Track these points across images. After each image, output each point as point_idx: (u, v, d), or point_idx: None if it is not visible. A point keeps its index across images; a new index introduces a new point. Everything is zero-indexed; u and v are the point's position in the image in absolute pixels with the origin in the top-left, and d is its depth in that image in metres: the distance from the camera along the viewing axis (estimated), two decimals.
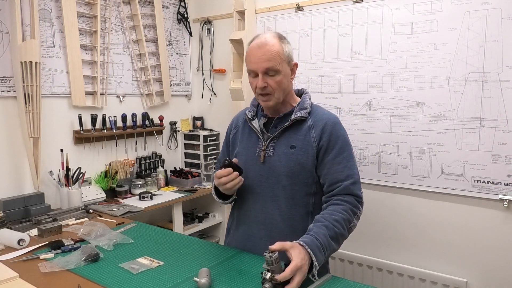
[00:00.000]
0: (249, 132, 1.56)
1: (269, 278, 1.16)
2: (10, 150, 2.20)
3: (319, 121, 1.46)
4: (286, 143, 1.46)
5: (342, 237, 1.34)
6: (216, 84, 3.14)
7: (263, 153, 1.48)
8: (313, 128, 1.45)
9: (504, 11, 1.89)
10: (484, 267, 2.07)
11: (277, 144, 1.47)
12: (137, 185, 2.68)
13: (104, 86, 2.61)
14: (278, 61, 1.39)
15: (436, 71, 2.10)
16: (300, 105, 1.49)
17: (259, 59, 1.39)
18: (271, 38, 1.41)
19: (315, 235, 1.26)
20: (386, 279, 2.33)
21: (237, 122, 1.64)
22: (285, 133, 1.47)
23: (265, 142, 1.49)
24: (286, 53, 1.41)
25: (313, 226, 1.32)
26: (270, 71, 1.39)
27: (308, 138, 1.44)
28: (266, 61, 1.38)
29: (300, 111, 1.47)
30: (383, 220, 2.36)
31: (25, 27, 2.17)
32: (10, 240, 1.65)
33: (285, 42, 1.43)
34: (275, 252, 1.16)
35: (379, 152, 2.32)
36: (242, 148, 1.55)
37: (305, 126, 1.46)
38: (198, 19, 3.16)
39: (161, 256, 1.51)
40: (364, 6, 2.30)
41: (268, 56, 1.38)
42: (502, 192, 1.98)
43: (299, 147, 1.44)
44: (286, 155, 1.45)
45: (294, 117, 1.45)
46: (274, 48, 1.38)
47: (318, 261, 1.21)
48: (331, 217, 1.32)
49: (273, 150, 1.47)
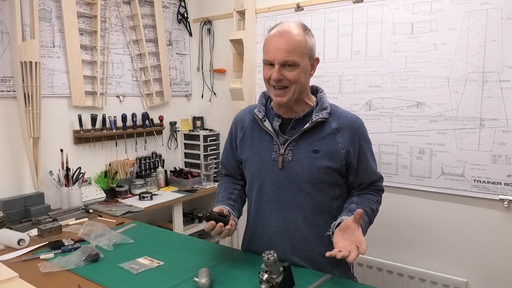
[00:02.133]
0: (260, 134, 1.42)
1: (266, 279, 1.16)
2: (10, 150, 2.20)
3: (345, 124, 1.36)
4: (308, 147, 1.35)
5: (371, 224, 1.41)
6: (216, 84, 3.14)
7: (281, 158, 1.36)
8: (339, 132, 1.35)
9: (504, 11, 1.89)
10: (484, 267, 2.07)
11: (296, 148, 1.36)
12: (137, 185, 2.68)
13: (104, 86, 2.61)
14: (299, 53, 1.27)
15: (436, 71, 2.10)
16: (319, 105, 1.37)
17: (278, 49, 1.26)
18: (295, 27, 1.29)
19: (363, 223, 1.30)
20: (386, 279, 2.33)
21: (242, 123, 1.50)
22: (305, 135, 1.35)
23: (282, 146, 1.37)
24: (309, 46, 1.30)
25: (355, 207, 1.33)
26: (289, 63, 1.27)
27: (334, 142, 1.34)
28: (286, 51, 1.26)
29: (321, 112, 1.35)
30: (383, 220, 2.36)
31: (25, 27, 2.17)
32: (10, 240, 1.65)
33: (310, 34, 1.31)
34: (273, 253, 1.16)
35: (379, 152, 2.32)
36: (254, 153, 1.43)
37: (328, 129, 1.35)
38: (198, 19, 3.16)
39: (161, 256, 1.51)
40: (364, 6, 2.29)
41: (288, 46, 1.26)
42: (502, 192, 1.98)
43: (323, 152, 1.34)
44: (309, 160, 1.34)
45: (315, 118, 1.34)
46: (297, 38, 1.27)
47: None
48: (370, 206, 1.39)
49: (292, 154, 1.36)
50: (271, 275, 1.17)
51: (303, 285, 1.25)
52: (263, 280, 1.17)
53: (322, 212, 1.38)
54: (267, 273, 1.17)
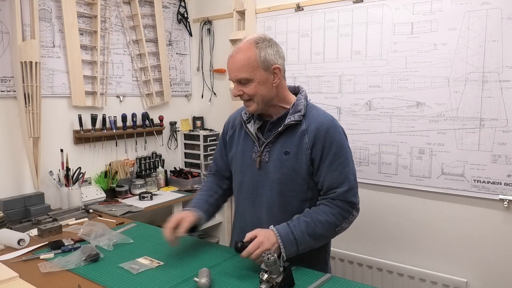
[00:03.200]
0: (245, 135, 1.52)
1: (266, 279, 1.16)
2: (10, 150, 2.20)
3: (312, 125, 1.40)
4: (280, 148, 1.42)
5: (322, 237, 1.38)
6: (216, 84, 3.14)
7: (258, 159, 1.45)
8: (307, 133, 1.40)
9: (504, 11, 1.89)
10: (484, 267, 2.07)
11: (272, 150, 1.43)
12: (137, 185, 2.68)
13: (104, 86, 2.60)
14: (249, 69, 1.35)
15: (436, 71, 2.10)
16: (294, 108, 1.42)
17: (231, 70, 1.39)
18: (246, 44, 1.38)
19: (293, 228, 1.34)
20: (386, 279, 2.33)
21: (233, 122, 1.60)
22: (280, 138, 1.43)
23: (260, 147, 1.45)
24: (260, 59, 1.35)
25: (296, 218, 1.38)
26: (242, 80, 1.37)
27: (301, 143, 1.40)
28: (235, 71, 1.37)
29: (294, 115, 1.41)
30: (383, 220, 2.36)
31: (25, 27, 2.17)
32: (10, 240, 1.65)
33: (262, 47, 1.36)
34: (273, 253, 1.16)
35: (379, 152, 2.32)
36: (238, 152, 1.53)
37: (299, 131, 1.41)
38: (198, 19, 3.16)
39: (161, 256, 1.51)
40: (364, 6, 2.29)
41: (237, 66, 1.37)
42: (502, 192, 1.98)
43: (293, 153, 1.40)
44: (280, 161, 1.41)
45: (287, 121, 1.40)
46: (244, 56, 1.35)
47: (286, 252, 1.30)
48: (317, 216, 1.36)
49: (268, 156, 1.44)
50: (271, 275, 1.17)
51: (303, 285, 1.25)
52: (263, 280, 1.17)
53: (292, 212, 1.41)
54: (267, 273, 1.17)
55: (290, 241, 1.31)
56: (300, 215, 1.39)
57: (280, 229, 1.33)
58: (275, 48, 1.40)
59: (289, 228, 1.33)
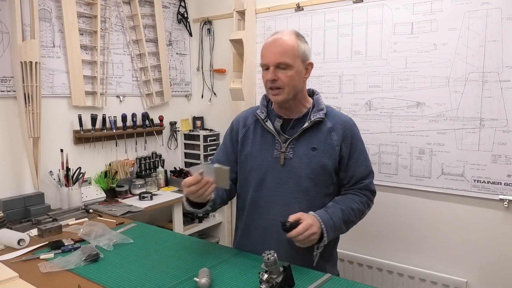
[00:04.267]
0: (262, 133, 1.52)
1: (266, 279, 1.16)
2: (10, 150, 2.20)
3: (339, 124, 1.47)
4: (307, 144, 1.45)
5: (352, 223, 1.49)
6: (216, 84, 3.14)
7: (282, 155, 1.46)
8: (334, 131, 1.46)
9: (504, 11, 1.89)
10: (484, 267, 2.07)
11: (296, 146, 1.45)
12: (137, 185, 2.68)
13: (104, 86, 2.61)
14: (291, 55, 1.38)
15: (436, 71, 2.10)
16: (316, 106, 1.48)
17: (271, 53, 1.39)
18: (287, 34, 1.42)
19: (332, 215, 1.39)
20: (386, 279, 2.33)
21: (245, 121, 1.58)
22: (304, 134, 1.46)
23: (284, 144, 1.46)
24: (301, 50, 1.41)
25: (332, 205, 1.44)
26: (282, 65, 1.38)
27: (330, 140, 1.45)
28: (278, 54, 1.38)
29: (318, 112, 1.46)
30: (383, 220, 2.36)
31: (25, 27, 2.17)
32: (10, 240, 1.65)
33: (302, 41, 1.43)
34: (273, 254, 1.16)
35: (379, 152, 2.32)
36: (256, 150, 1.51)
37: (324, 128, 1.46)
38: (198, 19, 3.16)
39: (161, 256, 1.51)
40: (364, 6, 2.29)
41: (280, 50, 1.38)
42: (502, 192, 1.98)
43: (321, 149, 1.44)
44: (308, 157, 1.44)
45: (313, 118, 1.44)
46: (288, 42, 1.39)
47: (328, 238, 1.36)
48: (349, 204, 1.46)
49: (292, 152, 1.45)
50: (271, 275, 1.17)
51: (303, 285, 1.25)
52: (263, 280, 1.17)
53: (315, 207, 1.44)
54: (267, 273, 1.17)
55: (330, 227, 1.37)
56: (334, 202, 1.46)
57: (321, 215, 1.38)
58: (308, 46, 1.47)
59: (328, 214, 1.39)
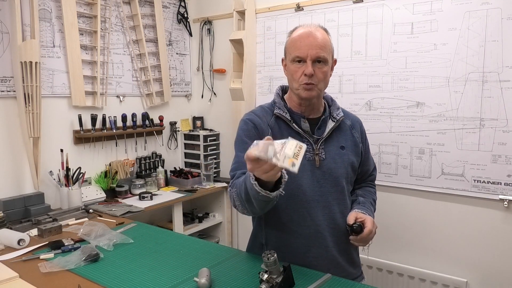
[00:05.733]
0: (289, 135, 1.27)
1: (266, 279, 1.16)
2: (10, 150, 2.20)
3: (355, 122, 1.51)
4: (336, 144, 1.41)
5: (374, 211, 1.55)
6: (216, 84, 3.14)
7: (317, 157, 1.38)
8: (354, 128, 1.48)
9: (504, 11, 1.89)
10: (484, 267, 2.07)
11: (326, 146, 1.40)
12: (137, 185, 2.68)
13: (104, 86, 2.61)
14: (328, 50, 1.33)
15: (436, 71, 2.10)
16: (334, 105, 1.47)
17: (310, 45, 1.29)
18: (319, 28, 1.35)
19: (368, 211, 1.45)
20: (386, 279, 2.33)
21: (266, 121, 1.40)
22: (332, 133, 1.42)
23: (315, 145, 1.38)
24: (332, 46, 1.37)
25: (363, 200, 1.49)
26: (320, 59, 1.31)
27: (353, 138, 1.46)
28: (319, 48, 1.29)
29: (338, 111, 1.45)
30: (383, 220, 2.36)
31: (25, 27, 2.17)
32: (10, 240, 1.65)
33: (330, 36, 1.38)
34: (273, 253, 1.16)
35: (379, 152, 2.32)
36: None
37: (345, 126, 1.46)
38: (198, 19, 3.16)
39: (161, 256, 1.51)
40: (364, 6, 2.29)
41: (320, 43, 1.30)
42: (502, 192, 1.98)
43: (348, 148, 1.44)
44: (340, 156, 1.41)
45: (338, 116, 1.42)
46: (325, 37, 1.33)
47: None
48: (372, 197, 1.56)
49: (324, 153, 1.39)
50: (271, 275, 1.17)
51: (303, 285, 1.25)
52: (263, 280, 1.17)
53: (348, 206, 1.46)
54: (267, 273, 1.17)
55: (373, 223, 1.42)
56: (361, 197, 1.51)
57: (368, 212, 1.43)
58: None
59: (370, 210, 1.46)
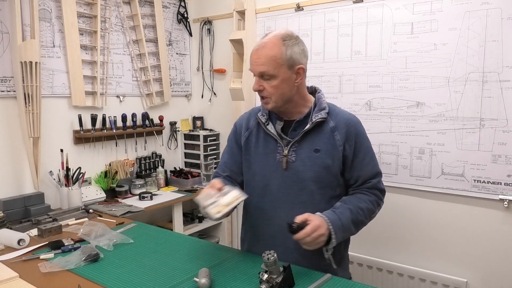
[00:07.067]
0: (264, 137, 1.47)
1: (266, 279, 1.16)
2: (10, 150, 2.20)
3: (342, 123, 1.42)
4: (309, 146, 1.40)
5: (362, 224, 1.42)
6: (216, 84, 3.14)
7: (284, 159, 1.41)
8: (337, 130, 1.41)
9: (504, 11, 1.89)
10: (484, 267, 2.07)
11: (298, 149, 1.41)
12: (137, 185, 2.68)
13: (104, 86, 2.60)
14: (273, 65, 1.33)
15: (436, 71, 2.10)
16: (318, 106, 1.43)
17: (255, 62, 1.36)
18: (273, 39, 1.35)
19: (340, 215, 1.34)
20: (386, 279, 2.33)
21: (247, 124, 1.53)
22: (306, 136, 1.41)
23: (285, 147, 1.42)
24: (285, 57, 1.33)
25: (339, 205, 1.39)
26: (265, 75, 1.35)
27: (333, 141, 1.40)
28: (261, 65, 1.34)
29: (320, 112, 1.40)
30: (383, 220, 2.36)
31: (25, 27, 2.17)
32: (10, 240, 1.65)
33: (289, 44, 1.34)
34: (273, 253, 1.16)
35: (379, 152, 2.32)
36: (260, 155, 1.47)
37: (327, 128, 1.41)
38: (198, 19, 3.16)
39: (161, 256, 1.51)
40: (364, 6, 2.29)
41: (262, 60, 1.34)
42: (502, 192, 1.98)
43: (323, 151, 1.39)
44: (311, 159, 1.39)
45: (314, 119, 1.39)
46: (270, 52, 1.33)
47: (337, 238, 1.31)
48: (357, 204, 1.40)
49: (295, 155, 1.40)
50: (271, 275, 1.17)
51: (303, 285, 1.25)
52: (263, 280, 1.17)
53: (322, 211, 1.39)
54: (267, 273, 1.17)
55: (339, 228, 1.32)
56: (341, 203, 1.40)
57: (329, 216, 1.32)
58: (301, 46, 1.39)
59: (336, 215, 1.34)
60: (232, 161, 1.56)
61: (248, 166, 1.51)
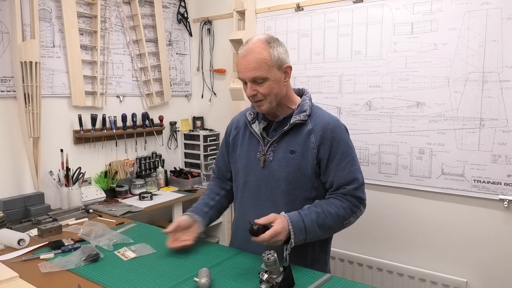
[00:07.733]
0: (249, 135, 1.53)
1: (266, 279, 1.16)
2: (10, 150, 2.20)
3: (319, 126, 1.42)
4: (286, 147, 1.43)
5: (330, 229, 1.41)
6: (216, 84, 3.15)
7: (263, 158, 1.46)
8: (313, 132, 1.42)
9: (504, 11, 1.89)
10: (484, 267, 2.07)
11: (277, 149, 1.45)
12: (137, 185, 2.68)
13: (104, 86, 2.61)
14: (265, 68, 1.35)
15: (436, 71, 2.10)
16: (299, 108, 1.45)
17: (245, 68, 1.37)
18: (258, 44, 1.37)
19: (304, 217, 1.35)
20: (386, 279, 2.33)
21: (237, 123, 1.61)
22: (285, 137, 1.44)
23: (265, 147, 1.47)
24: (274, 58, 1.37)
25: (307, 207, 1.40)
26: (258, 79, 1.37)
27: (308, 143, 1.42)
28: (252, 70, 1.36)
29: (299, 115, 1.43)
30: (383, 220, 2.36)
31: (25, 27, 2.17)
32: (10, 240, 1.65)
33: (274, 46, 1.38)
34: (273, 253, 1.16)
35: (379, 152, 2.32)
36: (243, 152, 1.53)
37: (305, 130, 1.43)
38: (198, 19, 3.16)
39: (161, 256, 1.51)
40: (364, 6, 2.29)
41: (253, 65, 1.35)
42: (502, 192, 1.98)
43: (298, 152, 1.42)
44: (286, 160, 1.43)
45: (292, 121, 1.42)
46: (259, 56, 1.35)
47: (295, 240, 1.31)
48: (327, 208, 1.39)
49: (273, 155, 1.45)
50: (271, 275, 1.17)
51: (303, 285, 1.25)
52: (263, 280, 1.17)
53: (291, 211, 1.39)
54: (267, 273, 1.17)
55: (300, 229, 1.33)
56: (311, 205, 1.41)
57: (292, 217, 1.34)
58: (283, 47, 1.43)
59: (300, 216, 1.35)
60: (221, 159, 1.67)
61: (234, 162, 1.58)
